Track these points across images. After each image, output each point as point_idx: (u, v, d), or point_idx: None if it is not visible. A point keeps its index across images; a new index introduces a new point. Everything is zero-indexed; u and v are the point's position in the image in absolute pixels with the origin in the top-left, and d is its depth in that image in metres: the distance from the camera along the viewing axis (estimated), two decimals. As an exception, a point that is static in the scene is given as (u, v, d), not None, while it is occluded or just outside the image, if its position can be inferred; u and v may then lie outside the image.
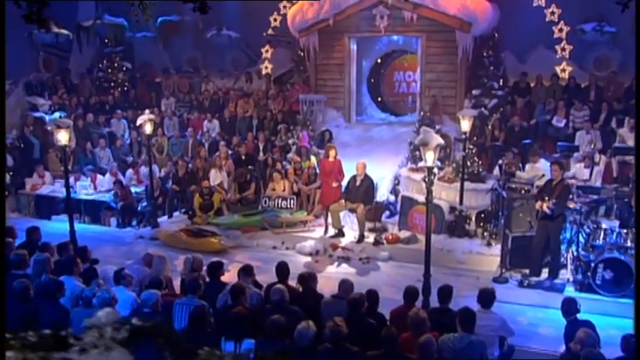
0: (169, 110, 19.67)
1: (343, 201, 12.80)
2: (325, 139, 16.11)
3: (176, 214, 15.12)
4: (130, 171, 17.15)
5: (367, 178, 12.81)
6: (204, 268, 9.62)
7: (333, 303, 7.95)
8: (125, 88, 21.28)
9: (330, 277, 10.63)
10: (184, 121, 19.28)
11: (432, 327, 6.76)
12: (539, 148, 14.86)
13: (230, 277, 9.47)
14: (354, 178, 12.93)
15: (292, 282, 8.54)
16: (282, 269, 8.56)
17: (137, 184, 16.56)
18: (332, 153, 13.08)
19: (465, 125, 11.95)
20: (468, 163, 12.49)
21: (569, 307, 7.05)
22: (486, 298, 7.57)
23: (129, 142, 18.81)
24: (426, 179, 8.76)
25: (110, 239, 13.96)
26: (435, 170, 13.10)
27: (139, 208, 15.63)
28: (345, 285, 8.28)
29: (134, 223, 15.26)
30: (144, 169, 17.32)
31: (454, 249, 11.93)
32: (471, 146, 12.96)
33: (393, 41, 17.92)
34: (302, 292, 8.32)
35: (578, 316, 7.10)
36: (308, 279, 8.41)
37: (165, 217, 14.87)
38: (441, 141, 8.68)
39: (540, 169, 11.89)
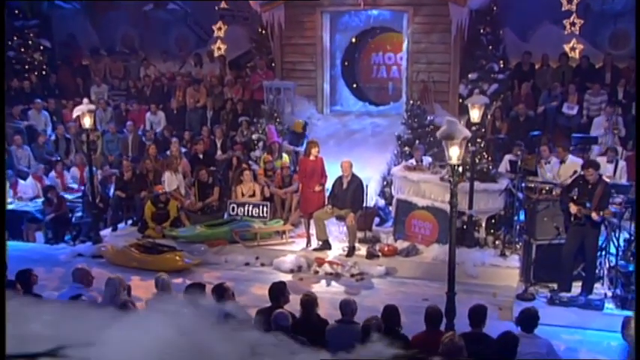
0: (102, 100, 19.16)
1: (330, 207, 12.63)
2: (304, 133, 15.85)
3: (121, 225, 14.74)
4: (52, 174, 16.61)
5: (355, 179, 12.68)
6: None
7: (339, 329, 7.82)
8: (44, 72, 20.67)
9: (318, 298, 10.46)
10: (121, 113, 18.86)
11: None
12: (547, 140, 15.01)
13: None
14: (339, 179, 12.77)
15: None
16: (279, 292, 8.35)
17: (64, 191, 16.05)
18: (314, 151, 12.89)
19: (475, 115, 11.93)
20: (476, 160, 12.48)
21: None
22: (529, 319, 7.54)
23: (53, 138, 18.24)
24: (451, 179, 8.66)
25: (40, 259, 13.41)
26: (441, 170, 13.16)
27: (73, 220, 15.16)
28: (349, 307, 8.18)
29: (67, 237, 14.78)
30: (74, 172, 16.84)
31: (464, 261, 11.85)
32: (478, 140, 12.96)
33: (373, 17, 17.80)
34: (302, 317, 8.16)
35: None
36: (310, 302, 8.24)
37: (108, 230, 14.47)
38: (467, 133, 8.62)
39: (577, 164, 11.96)
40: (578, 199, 10.07)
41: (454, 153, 8.48)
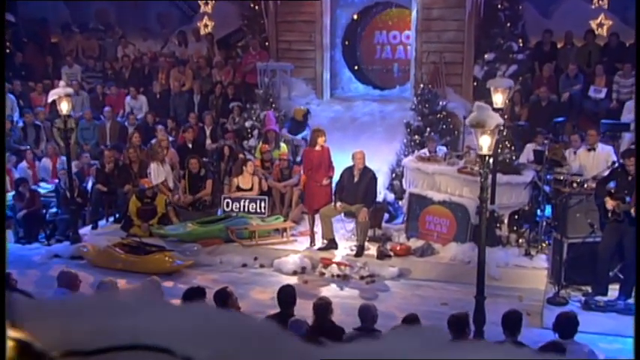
0: (74, 82, 18.98)
1: (339, 203, 12.59)
2: (305, 122, 15.83)
3: (102, 223, 14.71)
4: (23, 164, 16.48)
5: (368, 172, 12.66)
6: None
7: (361, 338, 7.77)
8: (8, 51, 20.43)
9: (326, 304, 10.45)
10: (98, 97, 18.74)
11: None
12: (572, 126, 15.03)
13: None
14: (348, 172, 12.73)
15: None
16: (289, 296, 8.35)
17: (35, 184, 15.95)
18: (321, 140, 12.86)
19: (499, 100, 11.88)
20: (498, 150, 12.48)
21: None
22: (568, 324, 7.53)
23: (21, 125, 18.08)
24: (481, 172, 8.64)
25: (11, 260, 13.32)
26: (455, 159, 13.17)
27: (47, 216, 15.06)
28: (370, 313, 8.18)
29: (41, 236, 14.68)
30: (45, 163, 16.74)
31: (486, 261, 11.85)
32: (501, 127, 12.94)
33: (376, -10, 17.79)
34: (315, 324, 8.14)
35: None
36: (324, 308, 8.22)
37: (88, 228, 14.43)
38: (500, 120, 8.60)
39: (609, 153, 11.97)
40: (615, 193, 10.07)
41: (485, 142, 8.46)
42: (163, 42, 20.27)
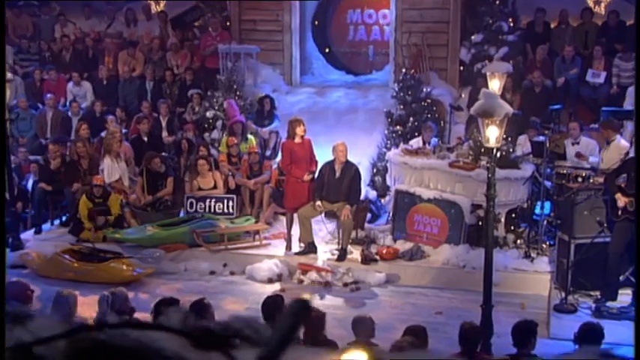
0: (6, 65, 18.72)
1: (319, 202, 12.61)
2: (265, 109, 15.83)
3: (46, 227, 14.56)
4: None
5: (350, 166, 12.70)
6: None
7: (356, 355, 7.78)
8: None
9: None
10: (34, 83, 18.53)
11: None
12: (569, 114, 15.20)
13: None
14: (328, 167, 12.75)
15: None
16: (276, 307, 8.33)
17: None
18: (300, 130, 12.84)
19: (496, 86, 12.00)
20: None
21: None
22: (591, 337, 7.61)
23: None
24: (489, 166, 8.71)
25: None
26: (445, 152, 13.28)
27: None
28: (364, 325, 8.18)
29: (-25, 243, 14.49)
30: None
31: (482, 265, 11.95)
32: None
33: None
34: (307, 339, 8.12)
35: None
36: (317, 320, 8.22)
37: (30, 233, 14.30)
38: (509, 110, 8.67)
39: (625, 147, 12.11)
40: (627, 189, 10.19)
41: (492, 134, 8.54)
42: (109, 20, 20.03)
